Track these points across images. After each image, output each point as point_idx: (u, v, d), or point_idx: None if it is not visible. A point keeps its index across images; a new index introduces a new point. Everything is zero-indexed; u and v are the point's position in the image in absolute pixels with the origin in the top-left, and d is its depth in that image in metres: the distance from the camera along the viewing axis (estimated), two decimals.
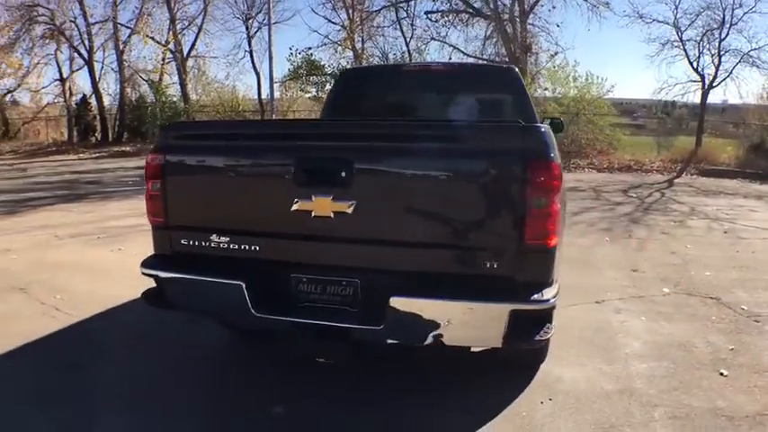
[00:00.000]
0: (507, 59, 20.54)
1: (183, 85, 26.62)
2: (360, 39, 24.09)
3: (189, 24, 27.28)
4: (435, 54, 21.86)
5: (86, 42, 26.11)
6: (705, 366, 3.18)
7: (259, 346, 3.51)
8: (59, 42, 25.83)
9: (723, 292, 4.59)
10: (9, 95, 27.82)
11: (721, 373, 3.08)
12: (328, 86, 23.20)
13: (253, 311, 2.46)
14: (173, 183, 2.69)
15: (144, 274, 2.72)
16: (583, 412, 2.72)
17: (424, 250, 2.40)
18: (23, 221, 7.63)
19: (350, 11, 23.99)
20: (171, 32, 26.14)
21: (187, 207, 2.72)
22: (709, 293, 4.55)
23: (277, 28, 33.85)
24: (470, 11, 20.29)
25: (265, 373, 3.18)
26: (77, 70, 28.39)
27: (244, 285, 2.45)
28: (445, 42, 21.66)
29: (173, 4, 25.61)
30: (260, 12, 26.85)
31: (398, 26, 22.44)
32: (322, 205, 2.40)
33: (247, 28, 28.47)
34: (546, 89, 18.99)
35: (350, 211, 2.38)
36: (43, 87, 28.94)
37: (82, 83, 28.04)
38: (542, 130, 2.34)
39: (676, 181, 13.07)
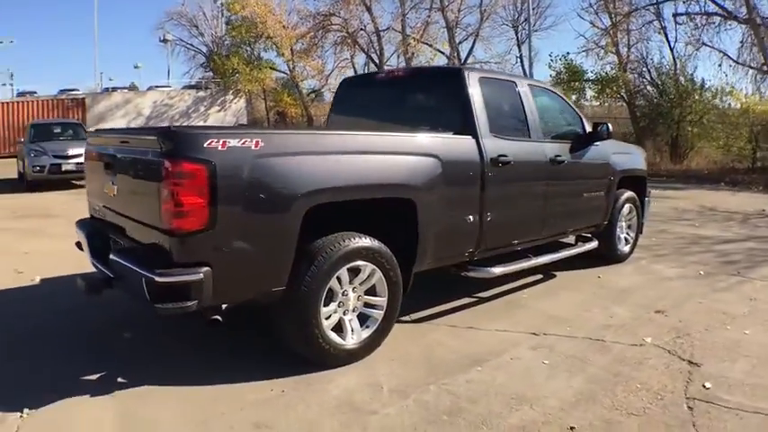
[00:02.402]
0: (766, 68, 15.14)
1: None
2: (625, 43, 20.96)
3: (468, 36, 27.03)
4: (704, 60, 17.40)
5: (377, 49, 26.55)
6: (487, 428, 2.25)
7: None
8: (354, 48, 26.64)
9: (722, 359, 2.91)
10: (313, 95, 29.69)
11: None
12: (590, 93, 21.05)
13: (90, 258, 3.03)
14: (87, 170, 3.50)
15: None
16: (294, 408, 2.38)
17: (140, 225, 2.63)
18: None
19: (612, 15, 21.15)
20: (448, 40, 26.57)
21: (90, 186, 3.45)
22: (696, 356, 2.94)
23: (547, 34, 31.23)
24: (722, 14, 15.50)
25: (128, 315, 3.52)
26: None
27: (86, 240, 3.06)
28: (713, 47, 16.99)
29: (447, 13, 25.80)
30: (527, 19, 25.60)
31: (661, 30, 18.62)
32: (110, 188, 2.86)
33: (517, 33, 27.42)
34: None
35: (116, 192, 2.77)
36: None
37: None
38: (180, 132, 2.33)
39: None
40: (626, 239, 5.19)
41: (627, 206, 5.09)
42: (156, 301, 2.30)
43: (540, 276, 4.59)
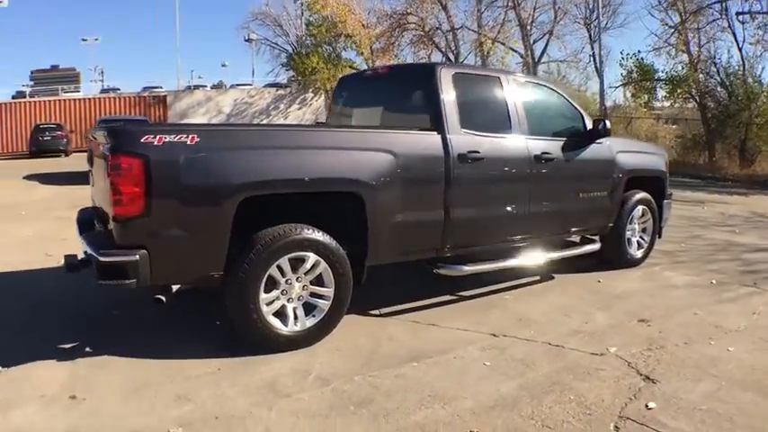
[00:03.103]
0: None
1: None
2: (696, 42, 18.93)
3: (543, 35, 25.36)
4: None
5: (452, 47, 25.14)
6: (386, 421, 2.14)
7: None
8: (431, 47, 25.17)
9: (686, 378, 2.55)
10: None
11: None
12: (662, 93, 19.36)
13: (77, 235, 3.20)
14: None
15: None
16: (218, 385, 2.37)
17: (103, 212, 2.83)
18: None
19: (681, 13, 19.23)
20: (521, 38, 24.40)
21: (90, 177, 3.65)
22: (657, 372, 2.60)
23: (619, 32, 28.28)
24: None
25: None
26: None
27: (77, 225, 3.25)
28: None
29: (520, 11, 23.64)
30: (597, 17, 23.83)
31: (729, 29, 16.64)
32: (92, 179, 3.07)
33: (589, 31, 25.63)
34: None
35: (94, 183, 2.98)
36: None
37: None
38: (120, 129, 2.51)
39: None
40: (638, 243, 4.69)
41: (639, 208, 4.60)
42: (101, 278, 2.45)
43: (536, 278, 4.29)
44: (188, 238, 2.51)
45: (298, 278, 2.84)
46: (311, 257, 2.82)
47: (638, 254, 4.68)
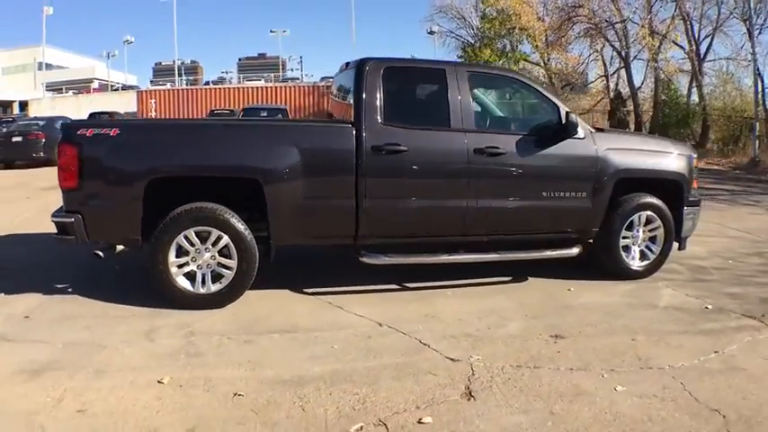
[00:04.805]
0: None
1: (699, 86, 20.86)
2: None
3: (712, 31, 21.47)
4: None
5: (623, 41, 22.23)
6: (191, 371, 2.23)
7: None
8: (601, 40, 22.70)
9: (510, 405, 2.10)
10: (568, 88, 25.43)
11: None
12: None
13: None
14: None
15: None
16: (117, 327, 2.74)
17: None
18: None
19: None
20: (685, 32, 20.74)
21: None
22: (492, 391, 2.20)
23: None
24: None
25: None
26: (621, 68, 23.83)
27: None
28: None
29: (685, 6, 20.02)
30: (751, 14, 18.94)
31: None
32: None
33: (748, 28, 20.65)
34: None
35: None
36: (590, 82, 25.83)
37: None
38: (66, 124, 3.06)
39: None
40: (642, 253, 3.76)
41: (644, 214, 3.70)
42: (56, 234, 3.09)
43: (508, 278, 3.79)
44: (110, 207, 3.01)
45: (206, 249, 3.11)
46: (213, 232, 3.06)
47: (638, 265, 3.76)
